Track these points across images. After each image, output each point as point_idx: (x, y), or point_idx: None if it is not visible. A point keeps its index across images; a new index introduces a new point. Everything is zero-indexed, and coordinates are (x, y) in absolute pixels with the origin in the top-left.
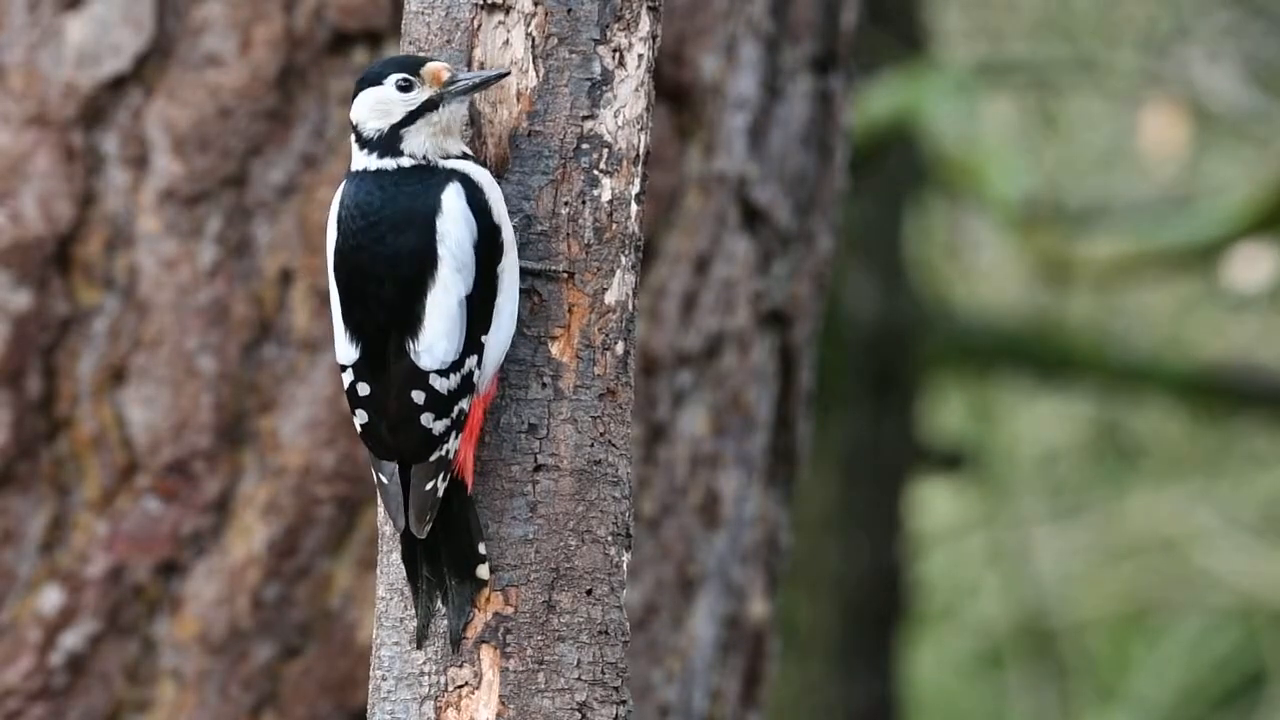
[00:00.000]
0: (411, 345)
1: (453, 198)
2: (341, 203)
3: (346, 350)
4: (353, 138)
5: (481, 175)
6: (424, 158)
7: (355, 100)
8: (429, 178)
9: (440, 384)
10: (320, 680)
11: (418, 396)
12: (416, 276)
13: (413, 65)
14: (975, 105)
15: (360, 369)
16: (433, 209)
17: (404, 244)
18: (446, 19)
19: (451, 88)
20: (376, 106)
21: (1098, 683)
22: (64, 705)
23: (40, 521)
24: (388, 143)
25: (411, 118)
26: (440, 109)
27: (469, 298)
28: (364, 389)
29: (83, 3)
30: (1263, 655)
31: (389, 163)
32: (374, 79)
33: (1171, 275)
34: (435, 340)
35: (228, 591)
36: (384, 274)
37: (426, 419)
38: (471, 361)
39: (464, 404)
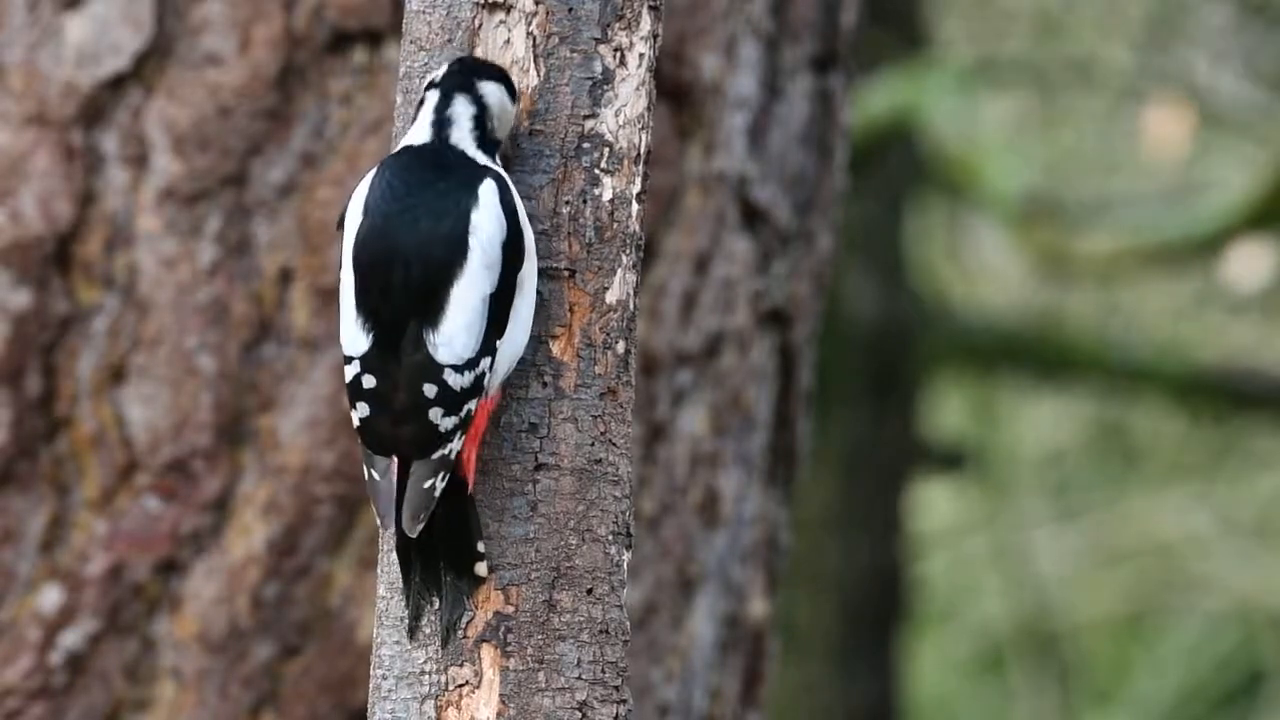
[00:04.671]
0: (430, 336)
1: (489, 194)
2: (373, 184)
3: (356, 340)
4: (449, 104)
5: (509, 180)
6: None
7: (492, 84)
8: (469, 173)
9: (454, 380)
10: (320, 680)
11: (429, 390)
12: (445, 265)
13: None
14: (974, 103)
15: (369, 360)
16: (470, 203)
17: (439, 229)
18: (448, 18)
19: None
20: (504, 114)
21: (1097, 684)
22: (64, 704)
23: (40, 521)
24: (493, 146)
25: (501, 144)
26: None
27: (492, 296)
28: (369, 381)
29: (82, 2)
30: (1261, 657)
31: (481, 157)
32: (512, 91)
33: (1171, 272)
34: (456, 333)
35: (227, 591)
36: (414, 257)
37: (435, 414)
38: (486, 363)
39: (472, 405)
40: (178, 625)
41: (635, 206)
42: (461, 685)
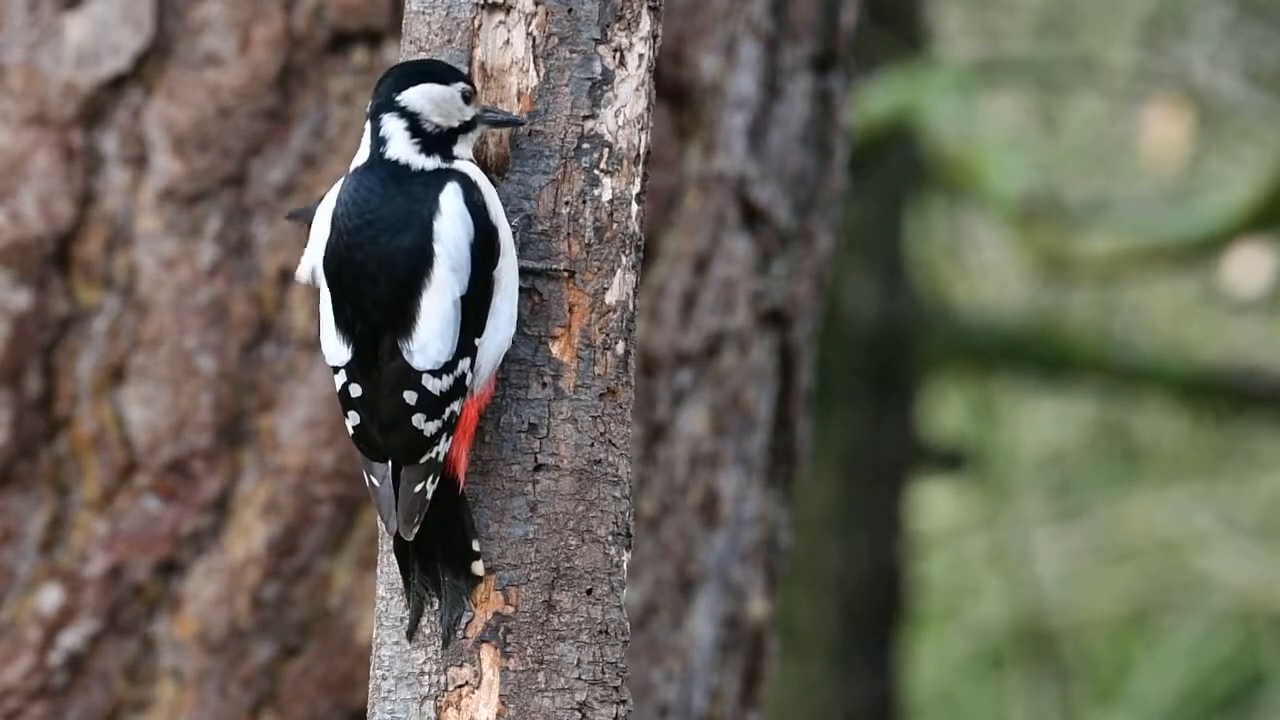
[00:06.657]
0: (405, 345)
1: (450, 198)
2: (338, 199)
3: (338, 351)
4: (379, 128)
5: (479, 176)
6: (454, 162)
7: (414, 89)
8: (431, 179)
9: (433, 385)
10: (320, 680)
11: (410, 397)
12: (411, 276)
13: (470, 79)
14: (974, 103)
15: (352, 370)
16: (431, 210)
17: (400, 243)
18: (447, 18)
19: (485, 115)
20: (442, 104)
21: (1098, 684)
22: (63, 705)
23: (40, 521)
24: (443, 142)
25: (465, 128)
26: (474, 130)
27: (464, 299)
28: (356, 390)
29: (82, 2)
30: (1262, 658)
31: (430, 162)
32: (440, 77)
33: (1171, 273)
34: (429, 340)
35: (227, 591)
36: (378, 272)
37: (418, 420)
38: (465, 364)
39: (455, 406)
40: (178, 625)
41: (635, 207)
42: (461, 686)
